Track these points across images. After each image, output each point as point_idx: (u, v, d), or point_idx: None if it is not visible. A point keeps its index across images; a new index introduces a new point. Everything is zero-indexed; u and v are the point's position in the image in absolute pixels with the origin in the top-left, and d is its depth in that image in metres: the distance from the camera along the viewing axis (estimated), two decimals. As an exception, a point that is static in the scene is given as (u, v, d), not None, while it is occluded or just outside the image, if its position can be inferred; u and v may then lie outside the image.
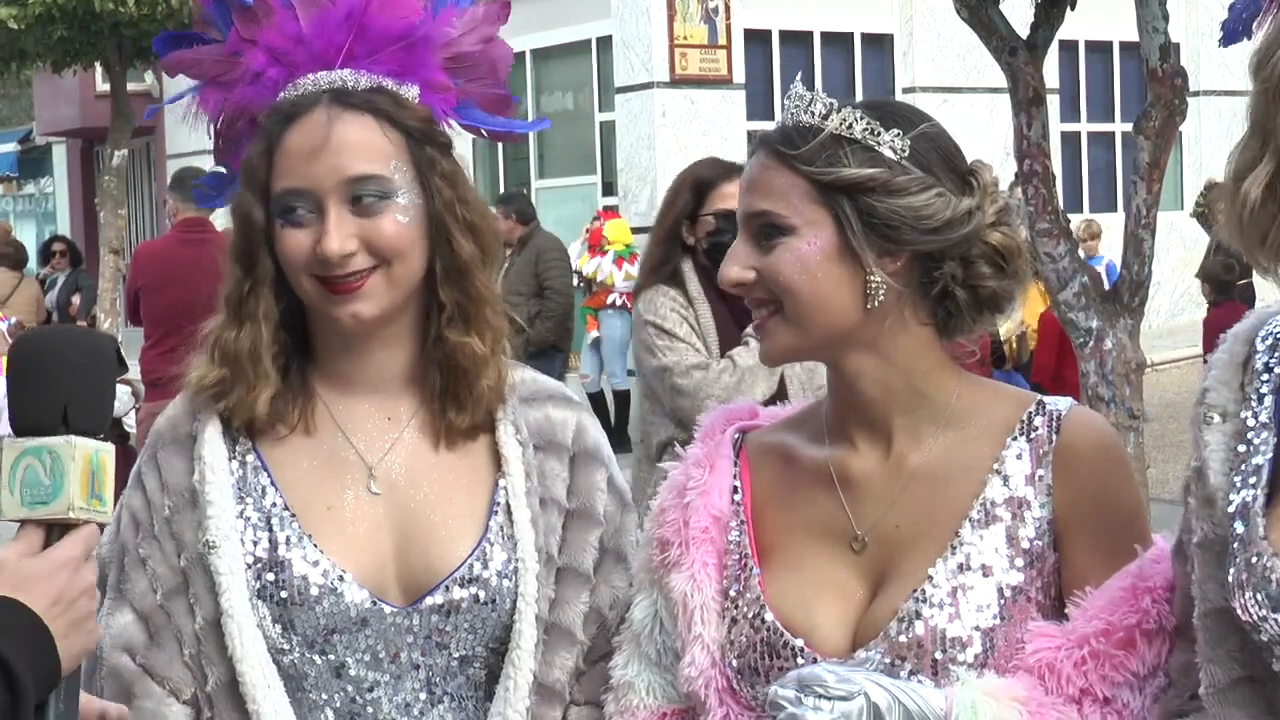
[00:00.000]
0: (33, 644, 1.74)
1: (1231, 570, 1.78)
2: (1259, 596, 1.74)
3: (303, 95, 2.23)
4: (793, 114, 2.12)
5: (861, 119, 2.08)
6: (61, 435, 1.79)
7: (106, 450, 1.83)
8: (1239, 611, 1.76)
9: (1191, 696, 1.91)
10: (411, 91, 2.26)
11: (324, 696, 2.22)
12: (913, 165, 2.07)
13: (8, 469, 1.79)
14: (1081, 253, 11.42)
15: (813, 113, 2.10)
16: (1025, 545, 2.07)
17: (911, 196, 2.06)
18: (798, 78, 2.17)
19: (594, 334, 15.44)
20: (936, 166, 2.09)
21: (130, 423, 9.78)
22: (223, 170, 2.40)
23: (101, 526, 1.84)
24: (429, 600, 2.20)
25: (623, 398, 15.69)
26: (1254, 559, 1.76)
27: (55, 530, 1.80)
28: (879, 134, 2.08)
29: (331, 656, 2.20)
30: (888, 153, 2.07)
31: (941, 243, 2.08)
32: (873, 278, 2.07)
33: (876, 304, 2.07)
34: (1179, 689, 1.95)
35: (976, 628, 2.03)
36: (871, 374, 2.12)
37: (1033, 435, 2.10)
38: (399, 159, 2.22)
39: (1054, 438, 2.09)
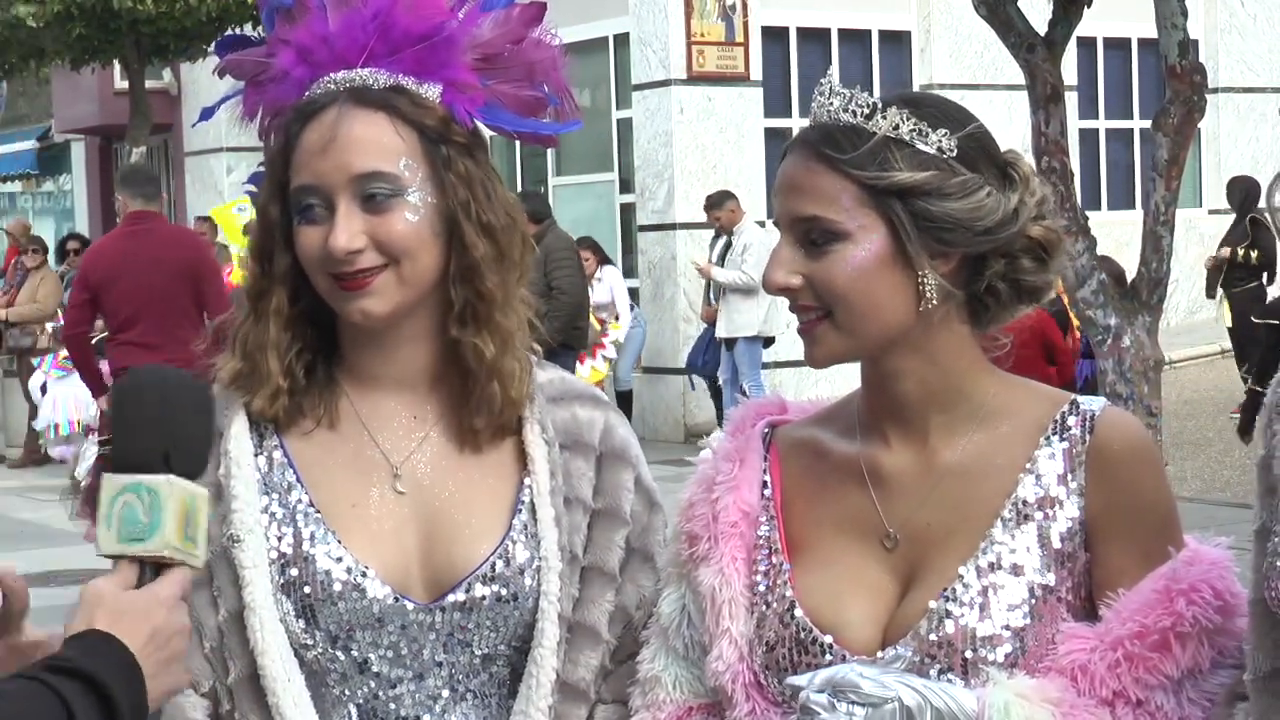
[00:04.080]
0: (128, 682, 1.76)
1: (1266, 559, 1.79)
2: None
3: (322, 94, 2.24)
4: (831, 112, 2.08)
5: (909, 119, 2.05)
6: (163, 475, 1.82)
7: (203, 495, 1.87)
8: (1269, 600, 1.76)
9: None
10: (433, 91, 2.25)
11: (347, 693, 2.22)
12: (960, 165, 2.05)
13: (106, 504, 1.82)
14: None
15: (854, 111, 2.06)
16: (1057, 545, 2.06)
17: (964, 199, 2.04)
18: (830, 73, 2.13)
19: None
20: (982, 164, 2.08)
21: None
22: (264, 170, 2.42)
23: (194, 569, 1.87)
24: (451, 597, 2.20)
25: (625, 397, 15.72)
26: None
27: (149, 569, 1.83)
28: (927, 135, 2.05)
29: (354, 653, 2.21)
30: (936, 153, 2.05)
31: (993, 243, 2.06)
32: (926, 280, 2.05)
33: (929, 306, 2.06)
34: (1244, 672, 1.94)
35: (1007, 627, 2.02)
36: (914, 373, 2.11)
37: (1066, 435, 2.09)
38: (411, 157, 2.21)
39: (1087, 438, 2.08)
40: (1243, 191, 16.09)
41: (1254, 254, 15.76)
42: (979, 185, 2.06)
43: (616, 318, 15.73)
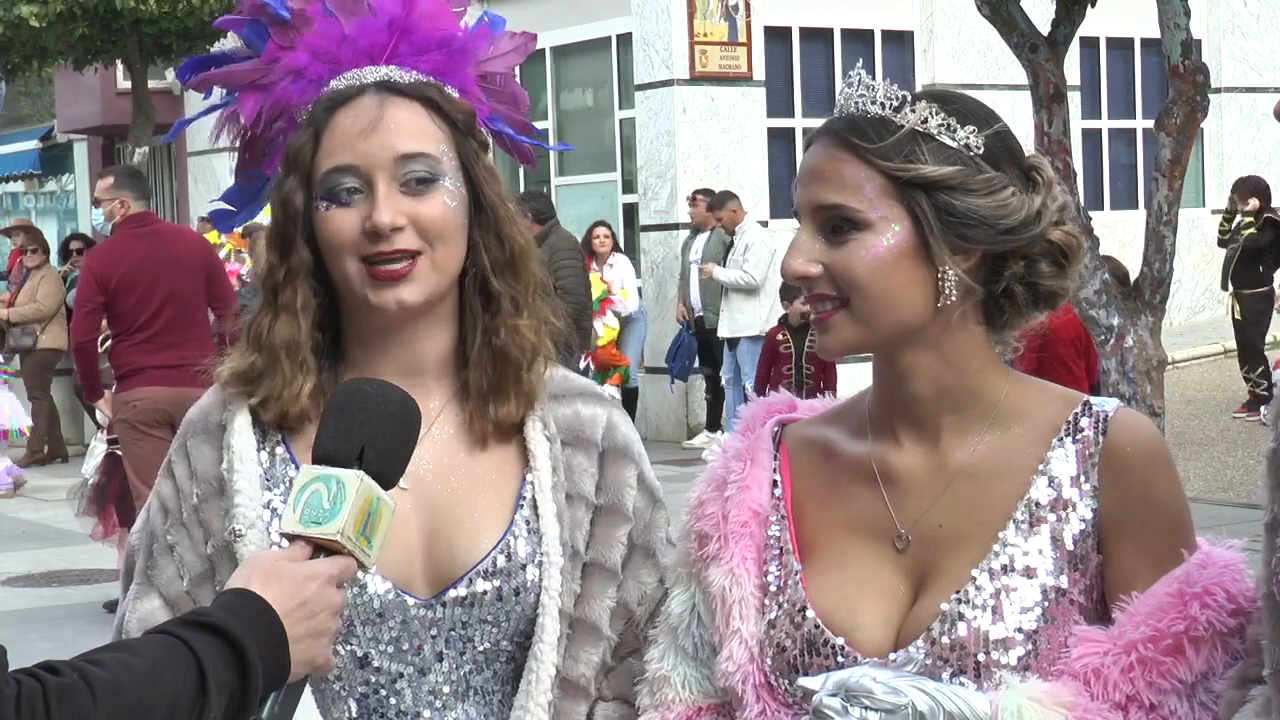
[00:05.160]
0: (268, 640, 1.83)
1: (1276, 553, 1.78)
2: None
3: (351, 85, 2.27)
4: (858, 103, 2.07)
5: (937, 114, 2.04)
6: (354, 470, 1.93)
7: (388, 504, 1.96)
8: (1276, 593, 1.76)
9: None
10: (453, 93, 2.31)
11: (347, 687, 2.23)
12: (986, 163, 2.05)
13: (297, 489, 1.93)
14: None
15: (882, 103, 2.05)
16: (1070, 547, 2.05)
17: (989, 196, 2.04)
18: (858, 65, 2.13)
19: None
20: (1006, 164, 2.07)
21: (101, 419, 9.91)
22: (245, 182, 2.44)
23: (362, 568, 1.96)
24: (452, 593, 2.21)
25: (629, 395, 15.74)
26: None
27: (321, 553, 1.93)
28: (954, 130, 2.04)
29: (355, 647, 2.21)
30: (962, 149, 2.04)
31: (1014, 243, 2.05)
32: (946, 275, 2.04)
33: (947, 302, 2.05)
34: (1256, 659, 1.94)
35: (1019, 629, 2.01)
36: (927, 371, 2.10)
37: (1079, 436, 2.08)
38: (446, 145, 2.26)
39: (1100, 439, 2.07)
40: (1256, 189, 16.11)
41: (1256, 220, 15.73)
42: (1004, 184, 2.05)
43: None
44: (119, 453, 9.42)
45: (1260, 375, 15.46)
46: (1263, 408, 12.13)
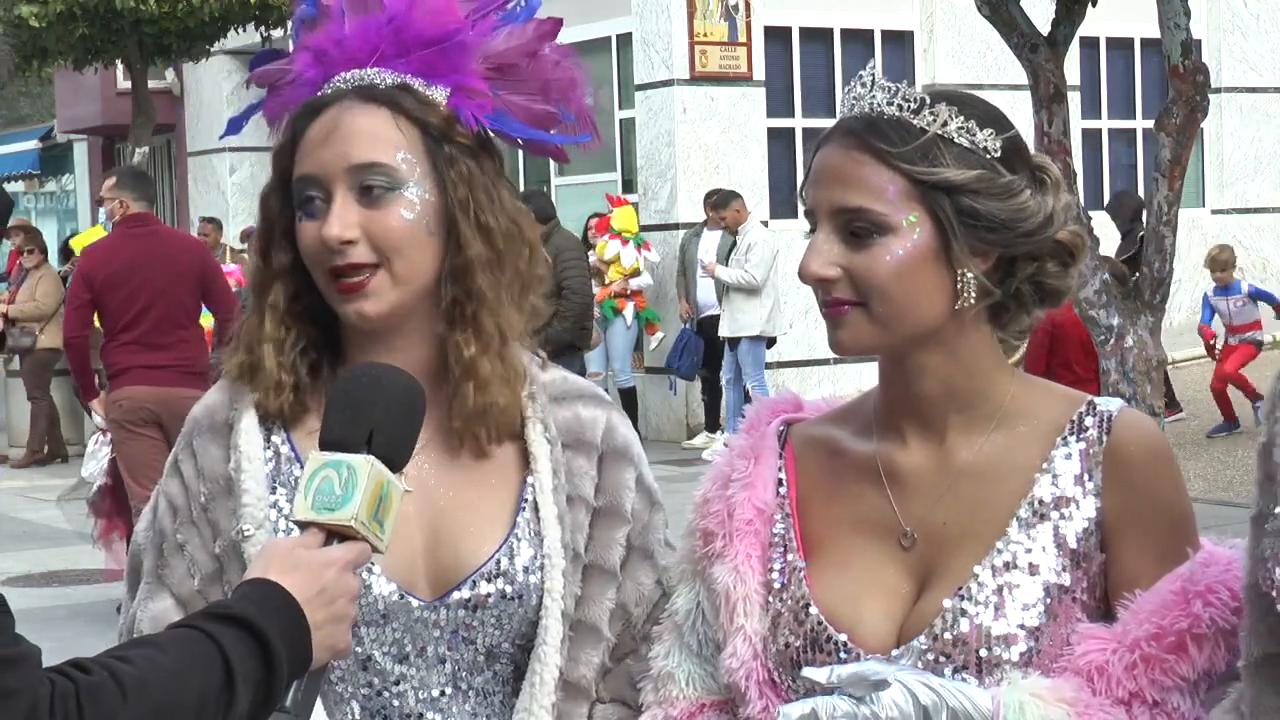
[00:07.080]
0: (290, 629, 1.83)
1: (1264, 542, 1.79)
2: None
3: (331, 91, 2.26)
4: (875, 104, 2.06)
5: (956, 117, 2.04)
6: (364, 455, 1.92)
7: (398, 487, 1.96)
8: (1262, 584, 1.77)
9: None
10: (439, 93, 2.27)
11: (350, 689, 2.24)
12: (1003, 166, 2.06)
13: (307, 476, 1.94)
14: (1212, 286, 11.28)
15: (899, 105, 2.05)
16: (1073, 545, 2.06)
17: (1009, 200, 2.04)
18: (869, 65, 2.11)
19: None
20: (1019, 166, 2.08)
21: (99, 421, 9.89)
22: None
23: (376, 552, 1.96)
24: (456, 595, 2.22)
25: (628, 395, 15.74)
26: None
27: (334, 539, 1.92)
28: (974, 133, 2.05)
29: (358, 649, 2.22)
30: (982, 153, 2.05)
31: (1030, 244, 2.06)
32: (966, 277, 2.04)
33: (965, 304, 2.06)
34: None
35: (1022, 626, 2.02)
36: (938, 371, 2.10)
37: (1083, 435, 2.09)
38: (410, 152, 2.23)
39: (1104, 439, 2.08)
40: (1132, 209, 16.07)
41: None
42: (1022, 187, 2.06)
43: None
44: (122, 454, 9.44)
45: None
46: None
